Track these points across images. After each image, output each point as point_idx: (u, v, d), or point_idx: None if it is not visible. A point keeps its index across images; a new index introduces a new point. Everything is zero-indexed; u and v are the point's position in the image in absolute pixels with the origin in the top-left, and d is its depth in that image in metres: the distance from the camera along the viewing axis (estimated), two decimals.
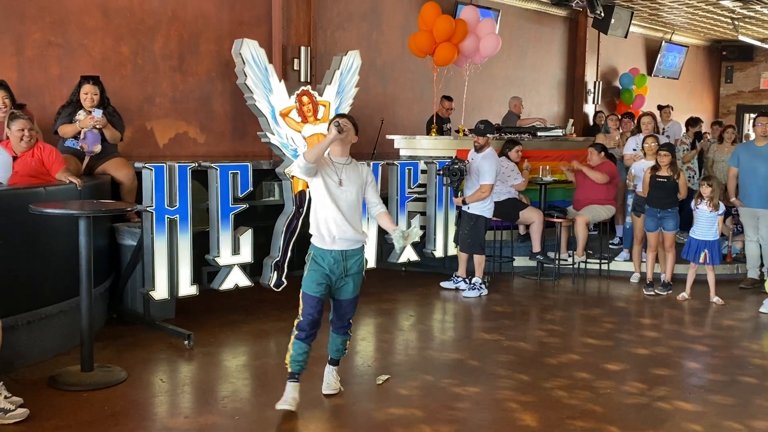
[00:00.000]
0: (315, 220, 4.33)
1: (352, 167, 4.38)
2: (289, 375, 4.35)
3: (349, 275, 4.38)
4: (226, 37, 8.19)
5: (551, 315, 6.74)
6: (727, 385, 4.94)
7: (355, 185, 4.34)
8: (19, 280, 4.80)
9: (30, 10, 6.87)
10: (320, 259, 4.32)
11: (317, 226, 4.32)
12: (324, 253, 4.31)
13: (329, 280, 4.34)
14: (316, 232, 4.33)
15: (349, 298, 4.46)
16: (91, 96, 6.10)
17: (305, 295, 4.34)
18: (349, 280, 4.40)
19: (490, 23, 9.50)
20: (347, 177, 4.32)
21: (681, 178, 7.37)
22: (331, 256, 4.30)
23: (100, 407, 4.29)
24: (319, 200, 4.31)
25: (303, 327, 4.32)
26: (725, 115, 17.90)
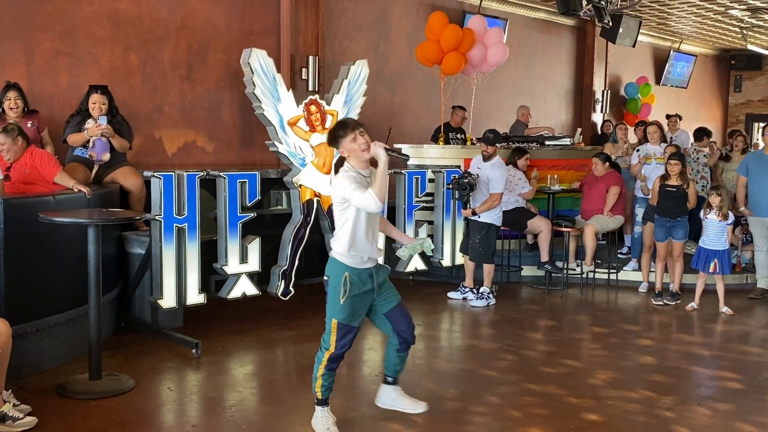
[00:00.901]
0: (353, 241, 3.98)
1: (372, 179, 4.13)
2: (322, 402, 4.14)
3: (384, 284, 4.13)
4: (234, 47, 8.23)
5: (559, 325, 6.72)
6: (737, 395, 4.90)
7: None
8: (28, 288, 4.81)
9: (40, 19, 6.92)
10: (358, 282, 4.00)
11: (356, 246, 3.99)
12: (361, 273, 4.02)
13: (367, 303, 4.07)
14: (354, 252, 3.99)
15: (399, 300, 4.17)
16: (99, 105, 6.14)
17: (342, 326, 4.00)
18: (387, 287, 4.15)
19: (497, 32, 9.51)
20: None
21: (690, 187, 7.34)
22: (367, 274, 4.04)
23: (108, 416, 4.29)
24: (360, 220, 3.99)
25: (337, 358, 4.06)
26: (734, 125, 17.85)
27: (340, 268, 4.01)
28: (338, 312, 4.00)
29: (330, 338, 4.03)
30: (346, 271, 3.99)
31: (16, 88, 6.11)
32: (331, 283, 4.04)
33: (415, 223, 7.41)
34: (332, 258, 4.07)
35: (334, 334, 4.02)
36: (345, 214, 4.02)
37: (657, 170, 8.06)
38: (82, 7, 7.19)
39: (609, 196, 8.07)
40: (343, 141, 3.98)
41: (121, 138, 6.28)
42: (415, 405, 4.30)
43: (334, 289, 4.02)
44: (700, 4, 12.27)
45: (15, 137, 5.40)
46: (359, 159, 3.99)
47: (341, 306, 3.99)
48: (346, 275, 3.98)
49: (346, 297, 3.97)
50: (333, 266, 4.06)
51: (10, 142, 5.38)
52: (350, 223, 3.99)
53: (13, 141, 5.40)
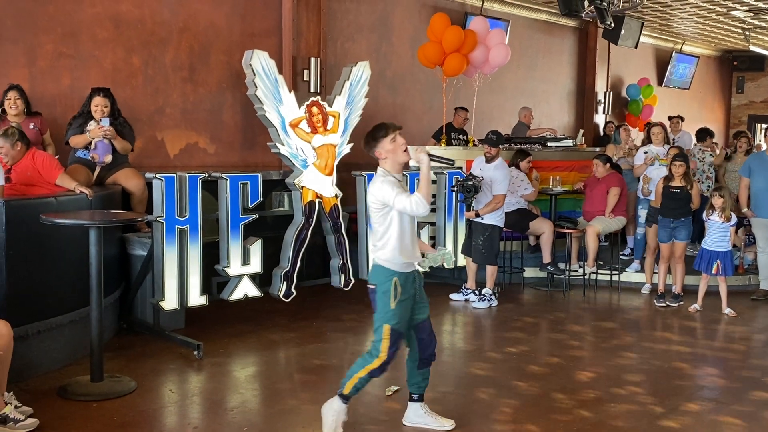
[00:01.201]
0: (400, 246, 3.99)
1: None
2: (346, 398, 4.07)
3: (422, 292, 4.16)
4: (236, 49, 8.23)
5: (562, 326, 6.71)
6: (741, 397, 4.89)
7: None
8: (30, 289, 4.82)
9: (42, 21, 6.93)
10: (408, 286, 4.02)
11: (403, 251, 4.00)
12: (407, 277, 4.04)
13: (410, 310, 4.06)
14: (401, 257, 4.00)
15: (428, 313, 4.19)
16: (102, 108, 6.15)
17: (395, 332, 3.98)
18: (423, 296, 4.17)
19: (499, 33, 9.51)
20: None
21: (694, 188, 7.33)
22: (412, 279, 4.06)
23: (110, 417, 4.29)
24: (404, 224, 4.01)
25: (387, 366, 4.03)
26: (736, 126, 17.81)
27: (387, 274, 3.99)
28: (391, 317, 3.98)
29: (381, 345, 3.99)
30: (394, 276, 3.99)
31: (17, 89, 6.12)
32: (380, 290, 4.01)
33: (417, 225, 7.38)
34: (378, 265, 4.05)
35: (387, 341, 3.98)
36: (386, 220, 4.00)
37: (659, 171, 8.05)
38: (83, 9, 7.20)
39: (609, 197, 8.06)
40: (383, 141, 3.99)
41: (123, 140, 6.29)
42: (443, 422, 4.25)
43: (384, 295, 3.99)
44: (702, 6, 12.25)
45: (14, 142, 5.40)
46: (397, 161, 4.00)
47: (393, 311, 3.97)
48: (395, 280, 3.98)
49: (397, 301, 3.96)
50: (380, 273, 4.03)
51: (8, 146, 5.39)
52: (395, 229, 3.98)
53: (12, 146, 5.39)
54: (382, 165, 4.04)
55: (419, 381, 4.27)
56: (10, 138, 5.40)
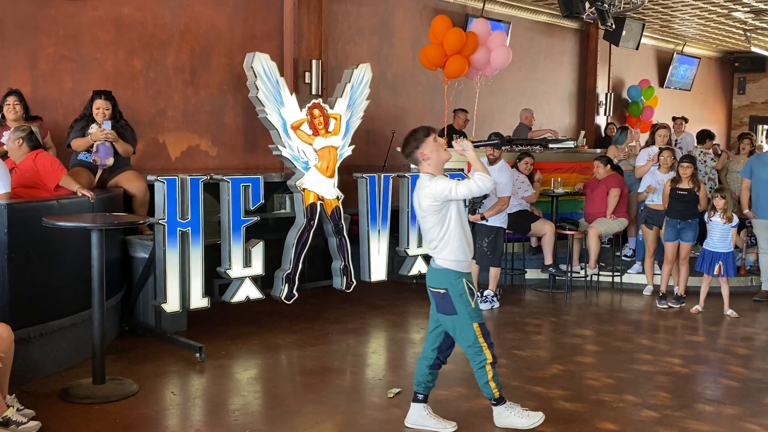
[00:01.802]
0: (461, 245, 4.08)
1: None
2: (501, 398, 4.21)
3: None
4: (237, 51, 8.24)
5: (564, 328, 6.70)
6: (743, 398, 4.89)
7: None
8: (32, 292, 4.82)
9: (43, 24, 6.94)
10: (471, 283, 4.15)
11: (464, 250, 4.10)
12: (469, 276, 4.16)
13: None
14: (463, 255, 4.10)
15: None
16: (103, 111, 6.16)
17: (482, 326, 4.12)
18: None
19: (500, 36, 9.51)
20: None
21: (702, 190, 7.31)
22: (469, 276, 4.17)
23: (112, 420, 4.29)
24: (463, 222, 4.11)
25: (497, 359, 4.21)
26: (738, 127, 17.80)
27: (456, 276, 4.07)
28: (476, 315, 4.09)
29: (480, 342, 4.09)
30: (462, 277, 4.08)
31: (16, 94, 6.13)
32: (455, 292, 4.06)
33: (418, 227, 7.40)
34: (442, 269, 4.09)
35: (482, 337, 4.09)
36: (445, 221, 4.06)
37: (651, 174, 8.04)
38: (85, 12, 7.21)
39: (609, 198, 8.06)
40: (427, 141, 4.07)
41: (125, 143, 6.30)
42: (445, 424, 4.26)
43: (462, 297, 4.06)
44: (703, 7, 12.25)
45: (17, 138, 5.42)
46: (441, 159, 4.08)
47: (475, 309, 4.08)
48: (465, 280, 4.08)
49: (474, 299, 4.08)
50: (445, 276, 4.08)
51: (11, 140, 5.41)
52: (454, 227, 4.05)
53: (14, 141, 5.42)
54: (424, 169, 4.10)
55: (428, 381, 4.30)
56: (17, 133, 5.44)
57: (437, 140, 4.09)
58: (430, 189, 4.04)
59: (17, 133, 5.45)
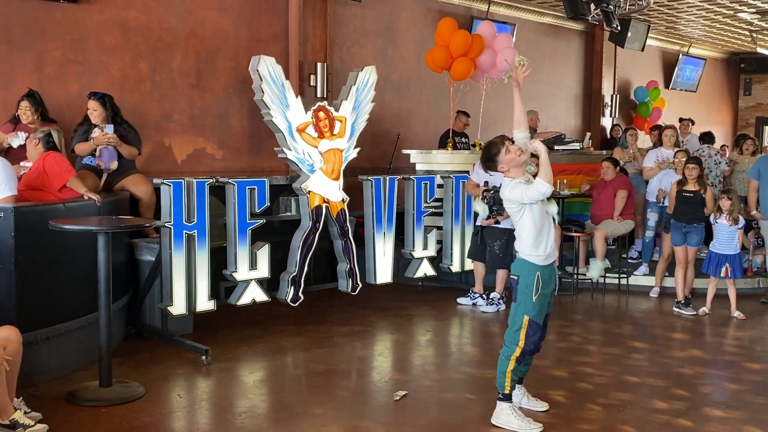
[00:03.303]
0: (535, 239, 4.30)
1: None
2: (508, 397, 4.36)
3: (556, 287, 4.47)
4: (243, 54, 8.26)
5: (570, 330, 6.69)
6: (750, 400, 4.87)
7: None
8: (39, 295, 4.83)
9: (50, 28, 6.97)
10: (547, 279, 4.35)
11: (538, 245, 4.31)
12: (545, 270, 4.35)
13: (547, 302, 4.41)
14: (537, 250, 4.31)
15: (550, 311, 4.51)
16: (92, 111, 6.18)
17: (533, 323, 4.32)
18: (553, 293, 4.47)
19: (506, 38, 9.50)
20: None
21: (708, 192, 7.26)
22: (550, 272, 4.39)
23: (119, 423, 4.30)
24: (536, 219, 4.30)
25: (528, 354, 4.41)
26: (744, 128, 17.75)
27: (531, 268, 4.32)
28: (531, 309, 4.31)
29: (521, 334, 4.32)
30: (537, 270, 4.31)
31: (31, 97, 6.17)
32: (522, 282, 4.33)
33: (424, 229, 7.40)
34: (522, 258, 4.38)
35: (525, 330, 4.32)
36: (520, 216, 4.33)
37: (668, 175, 8.03)
38: (91, 16, 7.24)
39: (617, 200, 8.04)
40: (500, 156, 4.32)
41: (128, 146, 6.31)
42: (539, 404, 4.58)
43: (527, 288, 4.32)
44: (709, 8, 12.23)
45: (34, 138, 5.47)
46: (517, 166, 4.31)
47: (533, 304, 4.30)
48: (538, 274, 4.30)
49: (538, 295, 4.30)
50: (523, 266, 4.36)
51: (29, 142, 5.45)
52: (528, 221, 4.31)
53: (31, 140, 5.46)
54: (506, 175, 4.36)
55: (526, 369, 4.57)
56: (35, 134, 5.50)
57: (509, 150, 4.30)
58: (507, 194, 4.35)
59: (36, 134, 5.50)
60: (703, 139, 10.01)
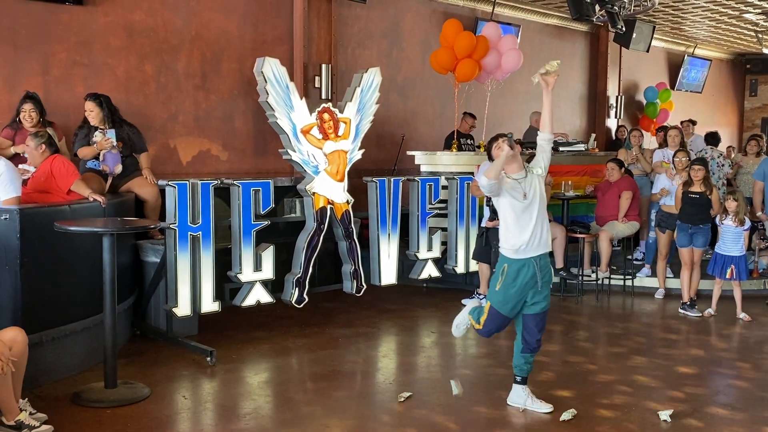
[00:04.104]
0: (508, 232, 4.55)
1: (529, 179, 4.59)
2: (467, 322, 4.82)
3: (544, 286, 4.55)
4: (248, 56, 8.27)
5: (576, 331, 6.68)
6: (756, 401, 4.85)
7: (537, 191, 4.57)
8: (44, 297, 4.85)
9: (56, 30, 6.99)
10: (520, 276, 4.48)
11: (511, 238, 4.53)
12: (520, 266, 4.50)
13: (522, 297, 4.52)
14: (509, 244, 4.53)
15: (543, 309, 4.58)
16: (89, 112, 6.20)
17: (495, 312, 4.57)
18: (544, 290, 4.55)
19: (511, 39, 9.50)
20: (530, 189, 4.56)
21: (714, 194, 7.23)
22: (527, 268, 4.50)
23: (124, 424, 4.31)
24: (507, 212, 4.55)
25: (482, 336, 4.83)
26: (750, 129, 17.70)
27: (502, 260, 4.61)
28: (493, 297, 4.58)
29: (482, 318, 4.66)
30: (504, 262, 4.55)
31: (33, 100, 6.16)
32: (497, 270, 4.64)
33: (428, 230, 7.40)
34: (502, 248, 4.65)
35: (486, 316, 4.63)
36: (499, 208, 4.61)
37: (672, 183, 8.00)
38: (97, 18, 7.26)
39: (621, 201, 8.02)
40: (492, 151, 4.64)
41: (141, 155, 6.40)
42: (542, 406, 4.59)
43: (495, 277, 4.64)
44: (714, 9, 12.20)
45: (39, 144, 5.47)
46: (510, 162, 4.51)
47: (497, 293, 4.55)
48: (505, 267, 4.54)
49: (500, 285, 4.52)
50: (501, 256, 4.65)
51: (32, 146, 5.46)
52: (503, 216, 4.59)
53: (36, 147, 5.47)
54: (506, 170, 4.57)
55: (521, 364, 4.62)
56: (38, 139, 5.49)
57: (499, 147, 4.56)
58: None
59: (38, 139, 5.49)
60: (707, 141, 9.98)
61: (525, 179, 4.56)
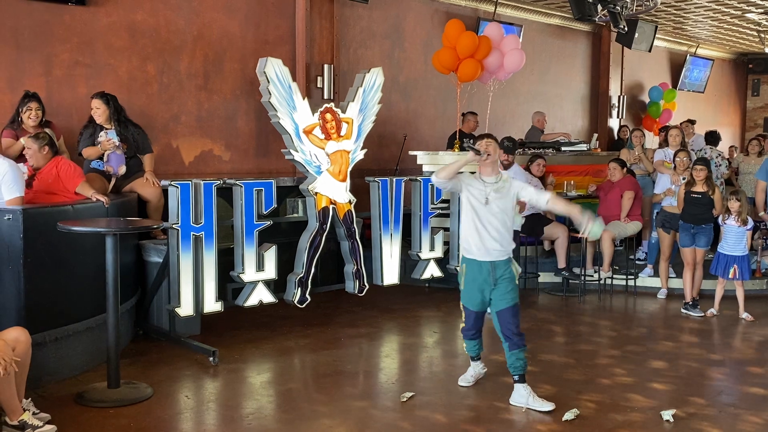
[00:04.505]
0: (463, 234, 4.80)
1: (502, 185, 4.68)
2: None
3: (501, 282, 4.69)
4: (250, 56, 8.28)
5: (578, 332, 6.68)
6: (760, 401, 4.85)
7: (502, 201, 4.66)
8: (47, 297, 4.85)
9: (58, 31, 7.01)
10: (476, 275, 4.74)
11: (464, 240, 4.77)
12: (476, 266, 4.73)
13: (480, 293, 4.76)
14: (465, 244, 4.77)
15: (510, 305, 4.71)
16: (95, 110, 6.21)
17: (467, 310, 4.89)
18: (504, 286, 4.69)
19: (514, 39, 9.49)
20: (495, 195, 4.65)
21: (716, 193, 7.21)
22: (483, 268, 4.71)
23: (127, 424, 4.32)
24: (465, 215, 4.75)
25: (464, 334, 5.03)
26: (752, 129, 17.70)
27: (462, 259, 4.84)
28: (462, 295, 4.89)
29: (463, 316, 4.95)
30: (464, 262, 4.80)
31: (36, 99, 6.16)
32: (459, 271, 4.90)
33: (431, 230, 7.40)
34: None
35: (463, 314, 4.94)
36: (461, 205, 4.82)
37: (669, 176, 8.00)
38: (99, 19, 7.27)
39: (624, 200, 8.02)
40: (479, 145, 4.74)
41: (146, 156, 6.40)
42: (543, 404, 4.61)
43: (458, 276, 4.93)
44: (716, 8, 12.20)
45: (42, 146, 5.49)
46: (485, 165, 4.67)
47: (462, 291, 4.87)
48: (463, 266, 4.81)
49: (462, 283, 4.83)
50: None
51: (36, 148, 5.47)
52: (462, 218, 4.80)
53: (39, 149, 5.48)
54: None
55: (513, 362, 4.70)
56: (40, 141, 5.50)
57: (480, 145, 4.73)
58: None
59: (41, 141, 5.50)
60: (707, 140, 9.97)
61: (495, 185, 4.67)
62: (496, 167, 4.72)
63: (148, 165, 6.46)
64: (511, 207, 4.71)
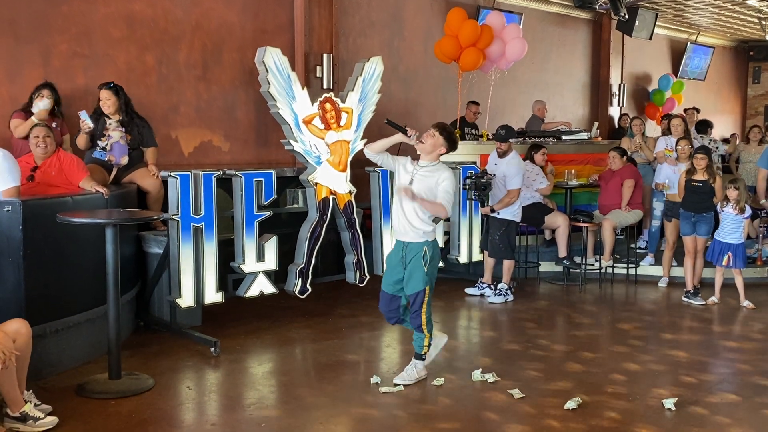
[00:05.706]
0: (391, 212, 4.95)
1: (431, 171, 4.73)
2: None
3: (409, 265, 4.76)
4: (249, 46, 8.24)
5: (579, 321, 6.68)
6: (760, 389, 4.85)
7: (424, 184, 4.69)
8: (47, 288, 4.85)
9: (56, 21, 6.96)
10: (393, 253, 4.90)
11: (391, 217, 4.96)
12: (396, 246, 4.90)
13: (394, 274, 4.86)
14: (392, 222, 4.95)
15: (410, 291, 4.81)
16: (105, 101, 6.18)
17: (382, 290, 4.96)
18: (411, 270, 4.76)
19: (515, 28, 9.46)
20: (420, 179, 4.71)
21: (717, 182, 7.20)
22: (398, 248, 4.85)
23: (128, 415, 4.32)
24: (395, 195, 4.87)
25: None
26: (753, 116, 17.66)
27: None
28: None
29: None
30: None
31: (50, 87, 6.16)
32: None
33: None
34: None
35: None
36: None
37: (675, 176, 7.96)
38: (97, 9, 7.23)
39: (624, 189, 8.01)
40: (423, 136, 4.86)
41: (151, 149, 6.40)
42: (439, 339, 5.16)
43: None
44: None
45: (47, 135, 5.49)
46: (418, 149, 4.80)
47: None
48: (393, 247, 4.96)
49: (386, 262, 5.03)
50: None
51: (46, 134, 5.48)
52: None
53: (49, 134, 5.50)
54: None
55: (414, 339, 5.02)
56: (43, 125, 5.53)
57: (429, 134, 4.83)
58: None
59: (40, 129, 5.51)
60: (698, 129, 9.91)
61: (424, 169, 4.74)
62: (435, 155, 4.78)
63: (151, 158, 6.42)
64: (432, 193, 4.69)
